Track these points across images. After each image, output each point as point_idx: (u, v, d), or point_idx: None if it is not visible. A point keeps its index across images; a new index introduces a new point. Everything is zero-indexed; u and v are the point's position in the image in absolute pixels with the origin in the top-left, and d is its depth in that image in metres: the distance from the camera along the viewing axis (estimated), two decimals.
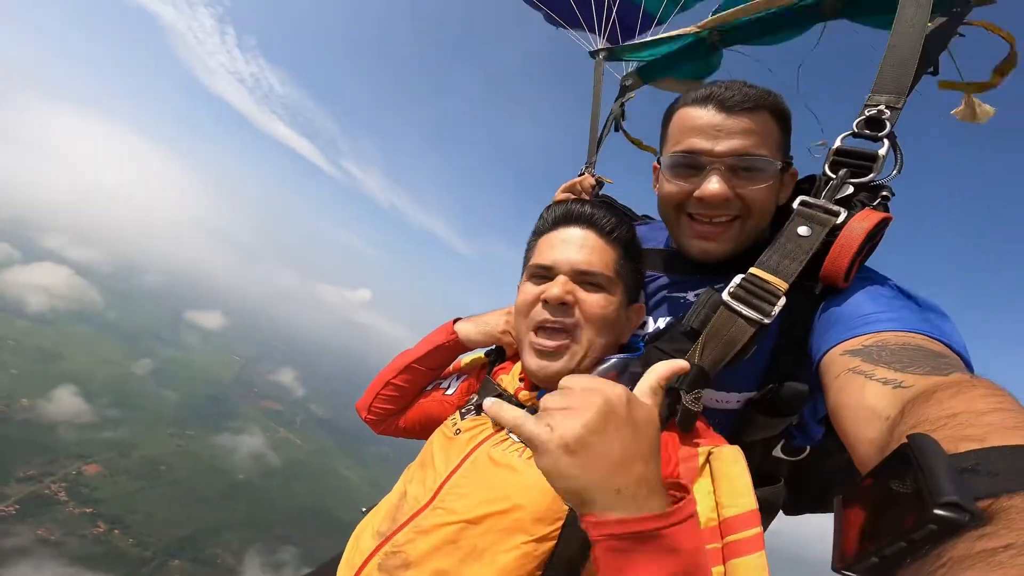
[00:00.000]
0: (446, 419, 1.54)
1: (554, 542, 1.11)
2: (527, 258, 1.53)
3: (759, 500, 1.05)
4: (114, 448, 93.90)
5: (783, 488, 1.44)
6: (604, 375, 1.28)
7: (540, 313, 1.37)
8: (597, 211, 1.45)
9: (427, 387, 1.88)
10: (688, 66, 2.54)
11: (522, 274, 1.52)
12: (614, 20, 2.78)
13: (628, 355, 1.36)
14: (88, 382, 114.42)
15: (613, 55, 2.74)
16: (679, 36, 2.39)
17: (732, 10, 2.17)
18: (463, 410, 1.50)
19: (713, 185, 1.39)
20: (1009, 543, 0.50)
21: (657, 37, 2.55)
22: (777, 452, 1.42)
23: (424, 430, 1.68)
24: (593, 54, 2.79)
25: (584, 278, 1.37)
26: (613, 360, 1.33)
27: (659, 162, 1.57)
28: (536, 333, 1.38)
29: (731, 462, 1.08)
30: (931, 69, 1.47)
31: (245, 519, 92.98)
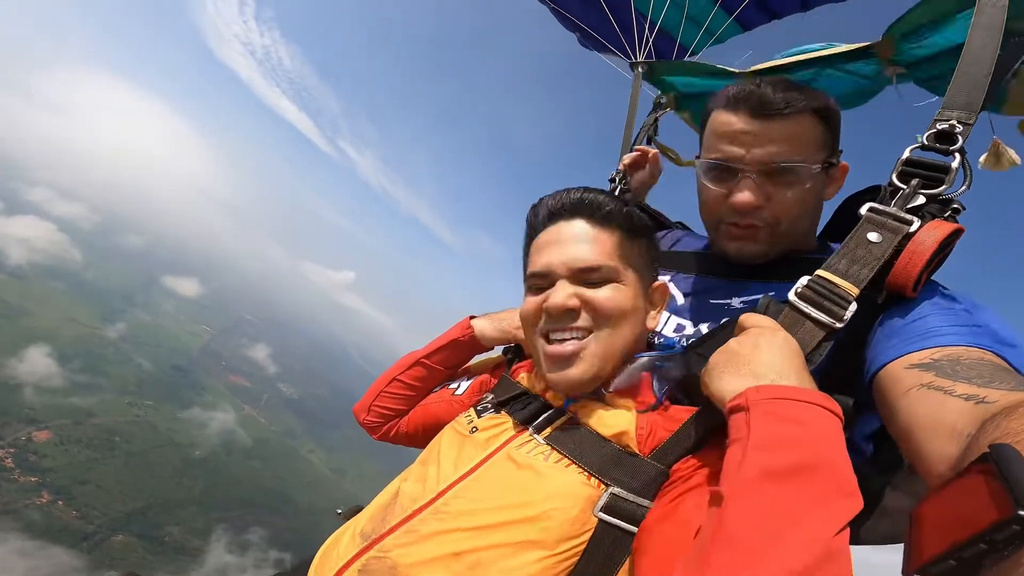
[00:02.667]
0: (456, 418, 1.38)
1: (576, 559, 0.99)
2: (525, 264, 1.40)
3: None
4: (69, 415, 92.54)
5: None
6: (632, 377, 1.22)
7: (545, 325, 1.24)
8: (585, 194, 1.30)
9: (434, 389, 1.76)
10: None
11: (524, 281, 1.40)
12: (649, 47, 2.87)
13: (658, 352, 1.26)
14: (60, 344, 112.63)
15: (652, 71, 2.75)
16: (724, 73, 2.36)
17: (783, 60, 2.20)
18: (479, 408, 1.33)
19: (745, 194, 1.41)
20: None
21: (700, 63, 2.59)
22: None
23: (428, 435, 1.48)
24: (633, 66, 2.81)
25: (585, 276, 1.22)
26: (643, 360, 1.23)
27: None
28: (548, 341, 1.24)
29: None
30: (996, 100, 1.53)
31: (199, 497, 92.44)
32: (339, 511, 1.42)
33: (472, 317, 1.74)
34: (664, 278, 1.55)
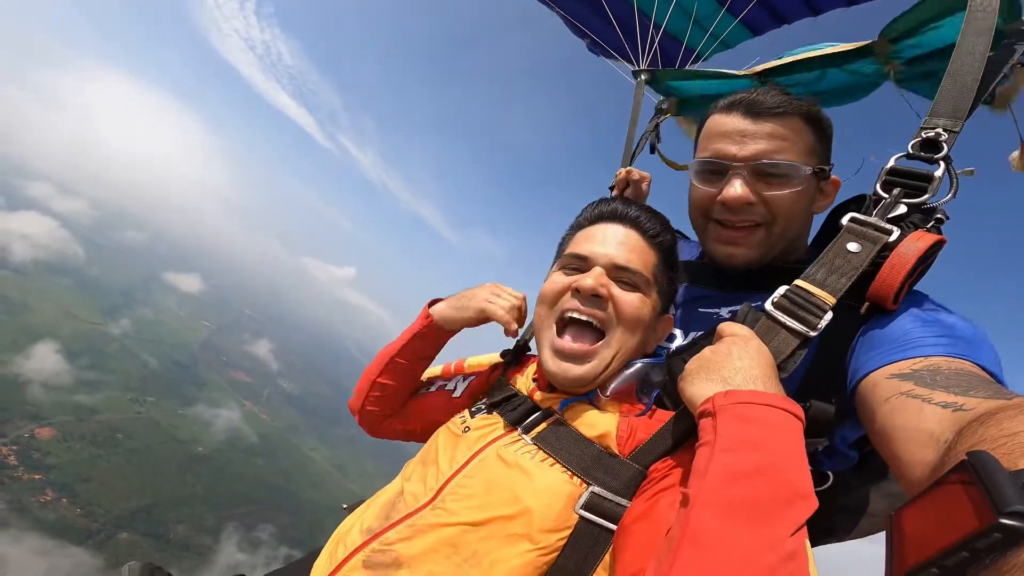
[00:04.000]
0: (452, 418, 1.45)
1: (557, 554, 1.04)
2: (560, 249, 1.45)
3: None
4: (72, 412, 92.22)
5: None
6: (627, 381, 1.27)
7: (568, 302, 1.28)
8: (643, 213, 1.37)
9: (428, 388, 1.75)
10: None
11: (552, 264, 1.45)
12: (656, 51, 2.91)
13: (651, 360, 1.31)
14: (66, 340, 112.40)
15: (655, 78, 2.77)
16: (726, 76, 2.38)
17: (786, 60, 2.19)
18: (473, 409, 1.40)
19: (735, 188, 1.41)
20: None
21: (702, 70, 2.57)
22: None
23: (425, 433, 1.56)
24: (636, 74, 2.83)
25: (621, 275, 1.28)
26: (637, 366, 1.28)
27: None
28: (560, 332, 1.28)
29: None
30: (987, 98, 1.50)
31: (203, 494, 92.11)
32: (344, 506, 1.47)
33: (434, 302, 1.67)
34: None
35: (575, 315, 1.26)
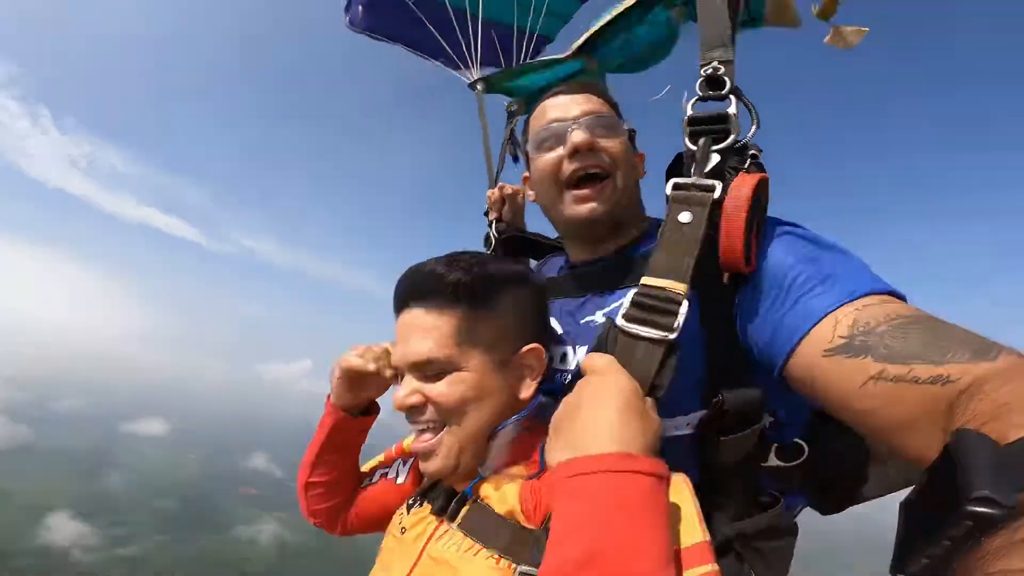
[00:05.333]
0: (394, 514, 1.41)
1: None
2: None
3: (762, 529, 1.03)
4: (118, 565, 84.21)
5: (782, 510, 1.21)
6: (503, 452, 1.20)
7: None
8: (427, 273, 1.24)
9: (370, 479, 1.69)
10: None
11: None
12: (495, 47, 2.68)
13: (521, 414, 1.22)
14: (73, 505, 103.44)
15: (490, 85, 2.55)
16: (557, 62, 2.19)
17: (594, 28, 2.01)
18: (409, 502, 1.35)
19: (579, 134, 1.40)
20: None
21: (531, 62, 2.38)
22: (772, 462, 1.21)
23: (380, 524, 1.52)
24: (472, 87, 2.61)
25: (424, 370, 1.20)
26: (507, 428, 1.20)
27: (528, 172, 1.65)
28: (416, 435, 1.27)
29: (674, 493, 0.91)
30: (753, 19, 1.50)
31: None
32: None
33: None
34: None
35: (412, 427, 1.25)
